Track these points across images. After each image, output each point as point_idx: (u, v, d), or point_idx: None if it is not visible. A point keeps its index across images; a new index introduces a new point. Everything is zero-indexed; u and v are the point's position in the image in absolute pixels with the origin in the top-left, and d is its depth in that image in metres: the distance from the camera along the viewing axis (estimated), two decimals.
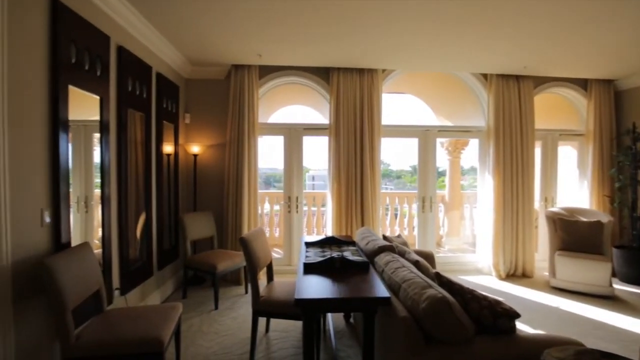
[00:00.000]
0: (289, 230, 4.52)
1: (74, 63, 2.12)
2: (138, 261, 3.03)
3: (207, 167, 4.26)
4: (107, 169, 2.50)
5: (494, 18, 2.86)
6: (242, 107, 4.08)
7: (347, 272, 2.13)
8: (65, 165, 2.05)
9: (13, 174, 1.69)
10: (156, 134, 3.34)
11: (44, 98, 1.91)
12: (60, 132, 2.00)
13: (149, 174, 3.18)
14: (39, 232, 1.88)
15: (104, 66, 2.43)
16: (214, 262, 3.32)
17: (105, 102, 2.46)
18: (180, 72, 4.00)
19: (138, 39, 2.97)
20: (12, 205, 1.68)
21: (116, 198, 2.66)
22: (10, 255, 1.68)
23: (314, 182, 17.11)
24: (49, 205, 1.94)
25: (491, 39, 3.32)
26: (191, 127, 4.25)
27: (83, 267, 1.97)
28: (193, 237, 3.65)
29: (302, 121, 4.72)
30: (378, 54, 3.78)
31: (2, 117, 1.64)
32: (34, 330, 1.84)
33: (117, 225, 2.68)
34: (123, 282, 2.72)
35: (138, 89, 2.96)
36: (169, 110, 3.63)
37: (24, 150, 1.78)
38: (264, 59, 3.94)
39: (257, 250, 2.48)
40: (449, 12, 2.75)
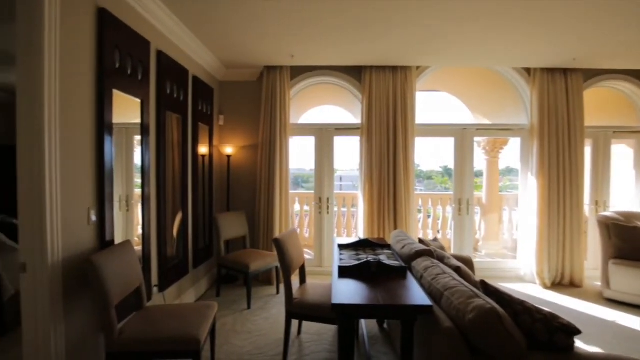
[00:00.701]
0: (320, 232, 4.49)
1: (117, 68, 2.20)
2: (175, 259, 3.12)
3: (240, 167, 4.32)
4: (147, 170, 2.59)
5: (540, 5, 2.65)
6: (274, 108, 4.10)
7: (384, 277, 2.05)
8: (110, 166, 2.14)
9: (64, 175, 1.78)
10: (192, 136, 3.43)
11: (91, 102, 2.00)
12: (105, 134, 2.08)
13: (185, 175, 3.27)
14: (86, 230, 1.97)
15: (144, 70, 2.52)
16: (247, 262, 3.35)
17: (145, 105, 2.54)
18: (215, 75, 4.09)
19: (176, 43, 3.05)
20: (63, 205, 1.77)
21: (155, 198, 2.75)
22: (61, 253, 1.76)
23: (342, 183, 17.05)
24: (94, 205, 2.03)
25: (536, 29, 3.09)
26: (225, 128, 4.34)
27: (125, 264, 2.04)
28: (226, 236, 3.71)
29: (333, 121, 4.66)
30: (412, 50, 3.65)
31: (54, 122, 1.72)
32: (80, 323, 1.93)
33: (156, 223, 2.77)
34: (161, 279, 2.81)
35: (176, 92, 3.04)
36: (204, 112, 3.72)
37: (73, 153, 1.86)
38: (296, 60, 3.94)
39: (291, 251, 2.46)
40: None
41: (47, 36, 1.67)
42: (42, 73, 1.67)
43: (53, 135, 1.71)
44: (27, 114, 1.67)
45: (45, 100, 1.67)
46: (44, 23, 1.66)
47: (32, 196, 1.67)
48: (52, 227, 1.71)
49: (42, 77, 1.67)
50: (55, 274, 1.73)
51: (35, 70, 1.66)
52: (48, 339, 1.71)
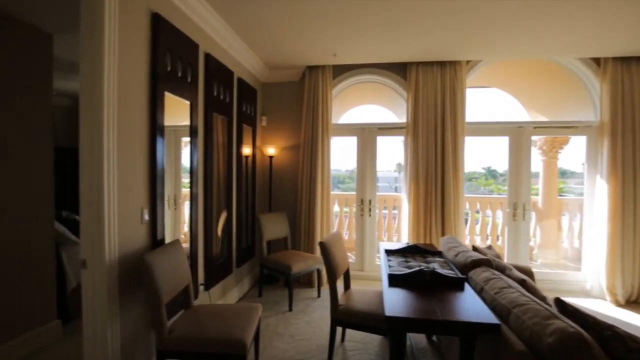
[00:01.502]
0: (361, 234, 4.36)
1: (169, 71, 2.26)
2: (219, 258, 3.17)
3: (282, 168, 4.32)
4: (195, 170, 2.64)
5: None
6: (316, 108, 4.05)
7: (438, 287, 1.90)
8: (161, 167, 2.19)
9: (120, 176, 1.84)
10: (237, 137, 3.47)
11: (144, 105, 2.06)
12: (157, 136, 2.14)
13: (230, 175, 3.31)
14: (139, 229, 2.02)
15: (193, 73, 2.57)
16: (289, 264, 3.32)
17: (194, 106, 2.59)
18: (258, 76, 4.13)
19: (222, 45, 3.10)
20: (119, 205, 1.83)
21: (202, 197, 2.80)
22: (117, 251, 1.82)
23: (378, 184, 16.69)
24: (147, 204, 2.08)
25: (609, 10, 2.73)
26: (267, 129, 4.37)
27: (175, 263, 2.07)
28: (268, 237, 3.72)
29: (375, 121, 4.51)
30: (463, 43, 3.40)
31: (112, 125, 1.78)
32: (133, 320, 1.99)
33: (202, 223, 2.82)
34: (207, 277, 2.85)
35: (222, 93, 3.09)
36: (248, 114, 3.76)
37: (129, 154, 1.92)
38: (339, 58, 3.85)
39: (336, 255, 2.37)
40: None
41: (106, 43, 1.73)
42: (101, 79, 1.73)
43: (111, 138, 1.77)
44: (87, 118, 1.75)
45: (104, 105, 1.74)
46: (103, 30, 1.72)
47: (92, 196, 1.74)
48: (110, 225, 1.77)
49: (102, 83, 1.73)
50: (112, 271, 1.79)
51: (95, 76, 1.73)
52: (105, 334, 1.77)
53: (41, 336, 2.59)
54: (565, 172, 7.42)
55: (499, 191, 9.07)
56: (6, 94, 2.40)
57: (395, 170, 9.51)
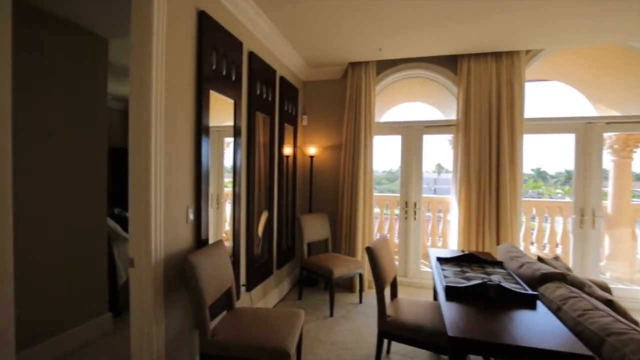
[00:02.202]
0: (405, 239, 4.13)
1: (214, 69, 2.24)
2: (261, 259, 3.13)
3: (323, 168, 4.22)
4: (238, 170, 2.61)
5: None
6: (359, 106, 3.90)
7: (504, 304, 1.67)
8: (206, 167, 2.17)
9: (167, 176, 1.83)
10: (278, 136, 3.42)
11: (190, 104, 2.04)
12: (202, 136, 2.12)
13: (271, 175, 3.27)
14: (184, 229, 2.01)
15: (237, 71, 2.54)
16: (330, 267, 3.20)
17: (238, 105, 2.56)
18: (300, 75, 4.06)
19: (265, 44, 3.06)
20: (165, 204, 1.82)
21: (245, 197, 2.76)
22: (163, 250, 1.81)
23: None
24: (192, 204, 2.07)
25: None
26: (308, 128, 4.29)
27: (219, 265, 2.04)
28: (309, 239, 3.63)
29: (421, 118, 4.25)
30: (522, 29, 3.06)
31: (160, 125, 1.77)
32: (178, 321, 1.97)
33: (245, 223, 2.78)
34: (249, 278, 2.82)
35: (265, 93, 3.05)
36: (289, 113, 3.70)
37: (175, 154, 1.91)
38: (383, 53, 3.67)
39: (384, 262, 2.21)
40: None
41: (154, 41, 1.72)
42: (149, 78, 1.72)
43: (158, 138, 1.77)
44: (136, 119, 1.75)
45: (152, 106, 1.73)
46: (152, 29, 1.71)
47: (139, 196, 1.74)
48: (156, 225, 1.76)
49: (150, 85, 1.72)
50: (157, 271, 1.78)
51: (143, 75, 1.72)
52: (151, 333, 1.76)
53: (93, 328, 2.70)
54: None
55: (550, 194, 8.27)
56: (67, 97, 2.52)
57: (434, 171, 9.04)
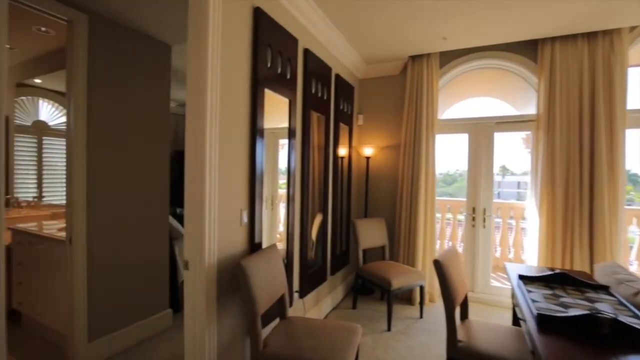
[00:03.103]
0: (472, 248, 3.71)
1: (269, 67, 2.16)
2: (315, 264, 3.01)
3: (379, 170, 3.99)
4: (293, 171, 2.51)
5: None
6: (420, 103, 3.60)
7: (619, 344, 1.30)
8: (260, 169, 2.10)
9: (222, 178, 1.78)
10: (333, 136, 3.28)
11: (245, 104, 1.98)
12: (257, 137, 2.05)
13: (326, 177, 3.13)
14: (238, 232, 1.95)
15: (292, 69, 2.44)
16: (389, 277, 2.96)
17: (293, 104, 2.47)
18: (355, 72, 3.88)
19: (320, 40, 2.94)
20: (220, 207, 1.76)
21: (299, 199, 2.66)
22: (216, 254, 1.76)
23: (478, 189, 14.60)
24: (246, 207, 2.00)
25: None
26: (364, 128, 4.09)
27: (272, 271, 1.94)
28: (365, 245, 3.42)
29: (491, 114, 3.79)
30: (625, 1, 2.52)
31: (215, 128, 1.72)
32: (230, 326, 1.91)
33: (299, 226, 2.68)
34: (302, 284, 2.71)
35: (320, 91, 2.93)
36: (344, 112, 3.54)
37: (230, 156, 1.86)
38: (449, 42, 3.32)
39: (454, 278, 1.92)
40: None
41: (210, 40, 1.68)
42: (204, 80, 1.68)
43: (213, 140, 1.72)
44: (192, 123, 1.72)
45: (207, 107, 1.68)
46: (208, 26, 1.67)
47: (194, 198, 1.70)
48: (210, 228, 1.71)
49: (205, 85, 1.68)
50: (211, 275, 1.73)
51: (199, 78, 1.69)
52: (203, 338, 1.71)
53: (154, 323, 2.81)
54: None
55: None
56: (136, 103, 2.66)
57: (498, 173, 8.20)
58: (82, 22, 2.27)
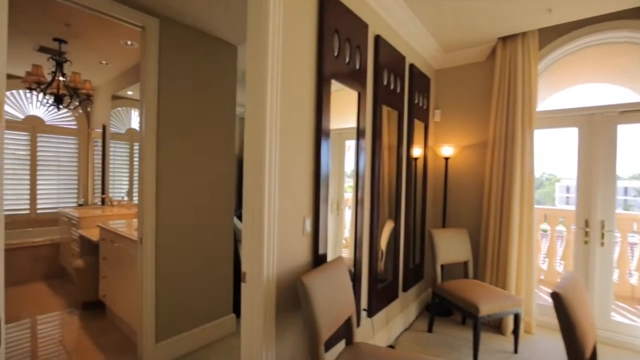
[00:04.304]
0: (585, 270, 2.96)
1: (336, 56, 1.91)
2: (385, 278, 2.67)
3: (460, 173, 3.47)
4: (362, 174, 2.22)
5: None
6: (513, 93, 3.01)
7: None
8: (326, 173, 1.85)
9: (282, 183, 1.58)
10: (407, 134, 2.91)
11: (310, 95, 1.76)
12: (322, 137, 1.81)
13: (398, 180, 2.77)
14: (300, 241, 1.73)
15: (362, 58, 2.16)
16: (476, 301, 2.47)
17: (362, 97, 2.18)
18: (432, 62, 3.44)
19: (393, 26, 2.61)
20: (280, 214, 1.56)
21: (369, 205, 2.36)
22: (276, 266, 1.55)
23: (568, 195, 12.34)
24: (310, 214, 1.77)
25: None
26: (441, 125, 3.61)
27: (338, 288, 1.67)
28: (444, 259, 2.96)
29: (610, 102, 3.00)
30: None
31: (276, 126, 1.54)
32: (289, 348, 1.69)
33: (368, 235, 2.38)
34: (370, 301, 2.39)
35: (392, 83, 2.59)
36: (420, 107, 3.14)
37: (292, 158, 1.65)
38: (555, 16, 2.70)
39: (580, 318, 1.42)
40: None
41: (270, 25, 1.49)
42: (264, 71, 1.50)
43: (273, 141, 1.53)
44: (251, 122, 1.56)
45: (267, 103, 1.50)
46: (268, 12, 1.48)
47: (253, 205, 1.53)
48: (270, 237, 1.51)
49: (265, 77, 1.50)
50: (269, 290, 1.53)
51: (259, 68, 1.51)
52: (260, 358, 1.52)
53: (217, 328, 2.75)
54: None
55: None
56: (202, 105, 2.65)
57: (635, 177, 6.73)
58: (154, 26, 2.31)
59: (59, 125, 5.10)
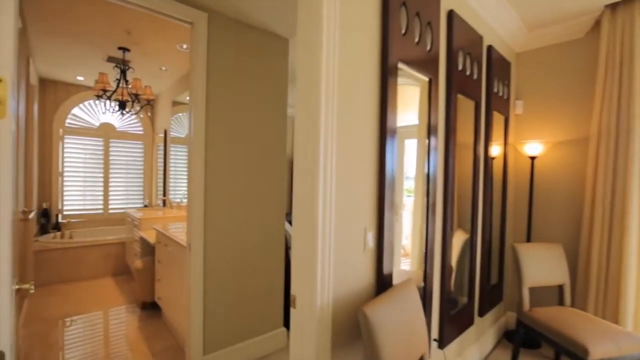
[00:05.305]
0: None
1: (403, 34, 1.58)
2: (454, 300, 2.25)
3: (550, 175, 2.87)
4: (433, 176, 1.85)
5: None
6: (629, 73, 2.37)
7: None
8: (392, 176, 1.53)
9: (340, 189, 1.29)
10: (485, 129, 2.44)
11: (372, 87, 1.46)
12: (387, 135, 1.49)
13: (475, 184, 2.33)
14: (361, 259, 1.42)
15: (433, 37, 1.80)
16: (583, 340, 1.93)
17: (434, 85, 1.82)
18: (512, 44, 2.90)
19: (468, 1, 2.19)
20: (337, 227, 1.28)
21: (441, 213, 1.97)
22: (331, 290, 1.27)
23: None
24: (372, 225, 1.46)
25: None
26: (524, 118, 3.04)
27: (408, 322, 1.34)
28: (532, 281, 2.42)
29: None
30: None
31: (332, 120, 1.26)
32: None
33: (440, 249, 1.99)
34: (442, 329, 2.00)
35: (468, 68, 2.17)
36: (499, 97, 2.64)
37: (352, 160, 1.36)
38: None
39: None
40: None
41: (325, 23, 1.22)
42: (318, 51, 1.23)
43: (329, 143, 1.26)
44: (302, 124, 1.30)
45: (321, 89, 1.24)
46: None
47: (304, 216, 1.27)
48: (324, 254, 1.24)
49: (319, 73, 1.24)
50: (324, 318, 1.25)
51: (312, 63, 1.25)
52: None
53: (267, 342, 2.56)
54: None
55: None
56: (251, 104, 2.49)
57: None
58: (202, 21, 2.20)
59: (128, 131, 5.45)
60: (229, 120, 2.36)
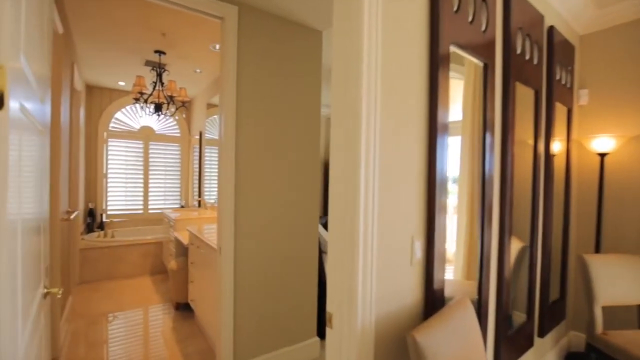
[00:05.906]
0: None
1: (455, 12, 1.37)
2: (511, 319, 1.97)
3: (623, 175, 2.47)
4: (489, 177, 1.61)
5: None
6: None
7: None
8: (443, 179, 1.32)
9: (383, 194, 1.12)
10: (546, 122, 2.14)
11: (420, 75, 1.26)
12: (438, 133, 1.29)
13: (535, 185, 2.03)
14: (407, 272, 1.23)
15: (489, 15, 1.56)
16: None
17: (489, 72, 1.58)
18: (575, 25, 2.55)
19: None
20: (380, 236, 1.10)
21: (498, 219, 1.72)
22: (374, 309, 1.10)
23: None
24: (420, 234, 1.27)
25: None
26: (588, 110, 2.65)
27: (464, 349, 1.13)
28: (607, 299, 2.07)
29: None
30: None
31: (375, 116, 1.09)
32: None
33: (497, 259, 1.74)
34: (498, 352, 1.74)
35: (528, 51, 1.89)
36: (562, 85, 2.31)
37: (397, 161, 1.18)
38: None
39: None
40: None
41: None
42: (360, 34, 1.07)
43: (371, 142, 1.09)
44: (340, 121, 1.14)
45: (362, 82, 1.07)
46: None
47: (342, 226, 1.10)
48: (365, 268, 1.07)
49: (359, 63, 1.07)
50: (365, 340, 1.08)
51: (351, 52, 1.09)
52: None
53: (300, 352, 2.42)
54: None
55: None
56: (283, 103, 2.37)
57: None
58: (233, 15, 2.11)
59: (166, 134, 5.61)
60: (260, 120, 2.26)
